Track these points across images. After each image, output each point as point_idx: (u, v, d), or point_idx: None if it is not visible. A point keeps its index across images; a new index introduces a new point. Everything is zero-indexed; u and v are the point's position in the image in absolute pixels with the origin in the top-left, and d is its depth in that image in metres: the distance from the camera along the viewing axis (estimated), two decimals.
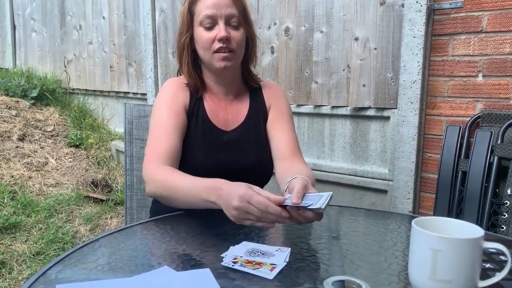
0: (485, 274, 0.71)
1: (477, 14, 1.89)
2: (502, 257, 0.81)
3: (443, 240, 0.62)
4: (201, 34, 1.23)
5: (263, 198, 0.86)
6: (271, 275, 0.73)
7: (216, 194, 0.94)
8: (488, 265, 0.77)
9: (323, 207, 0.86)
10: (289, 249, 0.85)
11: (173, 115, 1.23)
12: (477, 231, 0.65)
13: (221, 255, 0.81)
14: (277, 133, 1.33)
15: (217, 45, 1.21)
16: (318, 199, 0.89)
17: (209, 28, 1.21)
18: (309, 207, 0.87)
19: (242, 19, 1.24)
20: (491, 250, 0.83)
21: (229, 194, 0.90)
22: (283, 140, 1.31)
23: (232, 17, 1.22)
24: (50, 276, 0.72)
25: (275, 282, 0.71)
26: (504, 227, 1.73)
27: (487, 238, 0.64)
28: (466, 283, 0.63)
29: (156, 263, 0.79)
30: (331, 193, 0.91)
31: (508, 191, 1.75)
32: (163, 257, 0.83)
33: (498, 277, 0.64)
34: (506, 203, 1.75)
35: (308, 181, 1.00)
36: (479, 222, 1.81)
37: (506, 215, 1.74)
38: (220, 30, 1.20)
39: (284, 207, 0.88)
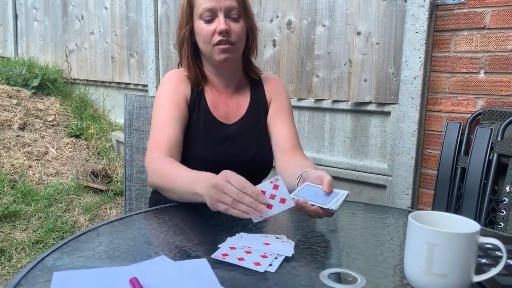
0: (480, 269, 0.71)
1: (480, 10, 1.88)
2: (498, 253, 0.81)
3: (439, 234, 0.62)
4: (201, 27, 1.22)
5: (243, 179, 0.86)
6: (262, 268, 0.73)
7: (201, 185, 0.95)
8: (483, 260, 0.77)
9: (336, 208, 0.88)
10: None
11: (174, 108, 1.24)
12: (474, 226, 0.65)
13: (218, 246, 0.81)
14: (278, 127, 1.33)
15: (217, 38, 1.20)
16: (333, 197, 0.92)
17: (209, 21, 1.21)
18: (323, 207, 0.89)
19: (242, 11, 1.24)
20: (487, 245, 0.84)
21: (212, 176, 0.91)
22: (283, 133, 1.31)
23: (231, 9, 1.21)
24: (48, 264, 0.73)
25: (271, 274, 0.72)
26: (502, 224, 1.74)
27: (483, 234, 0.65)
28: (461, 278, 0.63)
29: (153, 252, 0.80)
30: (347, 192, 0.94)
31: (507, 188, 1.76)
32: (160, 246, 0.83)
33: (493, 272, 0.65)
34: (505, 200, 1.75)
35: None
36: (477, 219, 1.81)
37: (504, 212, 1.74)
38: (220, 23, 1.19)
39: (268, 197, 0.89)
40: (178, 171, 1.08)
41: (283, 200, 0.86)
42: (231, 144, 1.28)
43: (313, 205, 0.90)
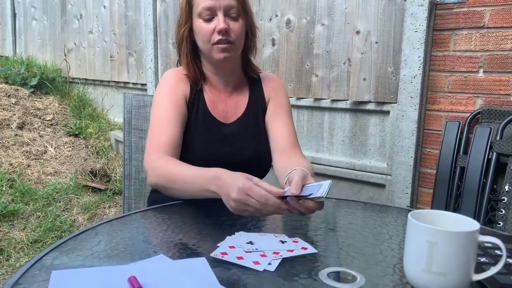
0: (480, 268, 0.71)
1: (479, 9, 1.88)
2: (498, 252, 0.81)
3: (439, 233, 0.62)
4: (200, 26, 1.22)
5: (263, 191, 0.86)
6: (261, 267, 0.73)
7: (216, 184, 0.95)
8: (483, 259, 0.77)
9: (323, 195, 0.86)
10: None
11: (173, 106, 1.23)
12: (473, 225, 0.65)
13: (217, 245, 0.81)
14: (276, 126, 1.33)
15: (216, 37, 1.20)
16: (317, 188, 0.89)
17: (208, 20, 1.21)
18: (309, 197, 0.87)
19: (241, 10, 1.23)
20: (486, 244, 0.84)
21: (228, 185, 0.90)
22: (282, 133, 1.31)
23: (231, 8, 1.21)
24: (46, 263, 0.72)
25: (270, 273, 0.71)
26: (501, 223, 1.74)
27: (482, 233, 0.64)
28: (460, 276, 0.63)
29: (152, 251, 0.79)
30: (330, 181, 0.91)
31: (506, 187, 1.76)
32: (159, 245, 0.83)
33: (493, 270, 0.64)
34: (504, 199, 1.75)
35: (307, 172, 1.00)
36: (476, 218, 1.81)
37: (503, 211, 1.74)
38: (219, 22, 1.19)
39: (284, 198, 0.88)
40: (183, 170, 1.07)
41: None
42: (230, 143, 1.27)
43: (299, 199, 0.88)
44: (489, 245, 0.84)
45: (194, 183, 1.02)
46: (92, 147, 3.71)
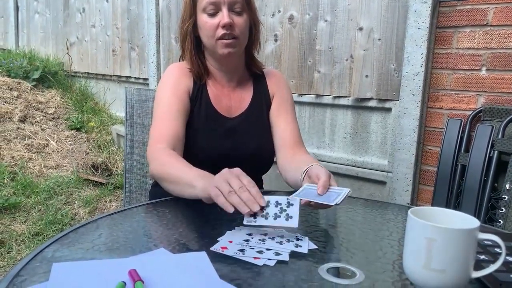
0: (479, 265, 0.71)
1: (483, 7, 1.87)
2: (497, 249, 0.81)
3: (438, 230, 0.62)
4: (204, 21, 1.22)
5: (253, 182, 0.87)
6: (261, 262, 0.73)
7: (202, 179, 0.96)
8: (482, 257, 0.77)
9: (338, 203, 0.89)
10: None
11: (177, 100, 1.23)
12: (473, 222, 0.65)
13: (218, 239, 0.82)
14: (280, 122, 1.33)
15: (220, 31, 1.20)
16: (336, 195, 0.92)
17: (212, 15, 1.21)
18: (326, 203, 0.90)
19: (245, 5, 1.23)
20: (486, 242, 0.84)
21: (214, 178, 0.91)
22: (286, 129, 1.31)
23: (235, 3, 1.20)
24: (47, 255, 0.73)
25: (270, 267, 0.72)
26: (501, 222, 1.74)
27: (482, 230, 0.64)
28: (459, 273, 0.63)
29: (152, 245, 0.80)
30: (349, 190, 0.93)
31: (507, 186, 1.76)
32: (159, 239, 0.83)
33: (492, 268, 0.65)
34: (504, 198, 1.75)
35: (330, 173, 1.01)
36: (476, 216, 1.81)
37: (504, 210, 1.74)
38: (224, 16, 1.19)
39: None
40: (177, 165, 1.08)
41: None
42: (233, 137, 1.28)
43: (317, 203, 0.91)
44: (489, 243, 0.84)
45: (182, 179, 1.03)
46: (94, 141, 3.71)
